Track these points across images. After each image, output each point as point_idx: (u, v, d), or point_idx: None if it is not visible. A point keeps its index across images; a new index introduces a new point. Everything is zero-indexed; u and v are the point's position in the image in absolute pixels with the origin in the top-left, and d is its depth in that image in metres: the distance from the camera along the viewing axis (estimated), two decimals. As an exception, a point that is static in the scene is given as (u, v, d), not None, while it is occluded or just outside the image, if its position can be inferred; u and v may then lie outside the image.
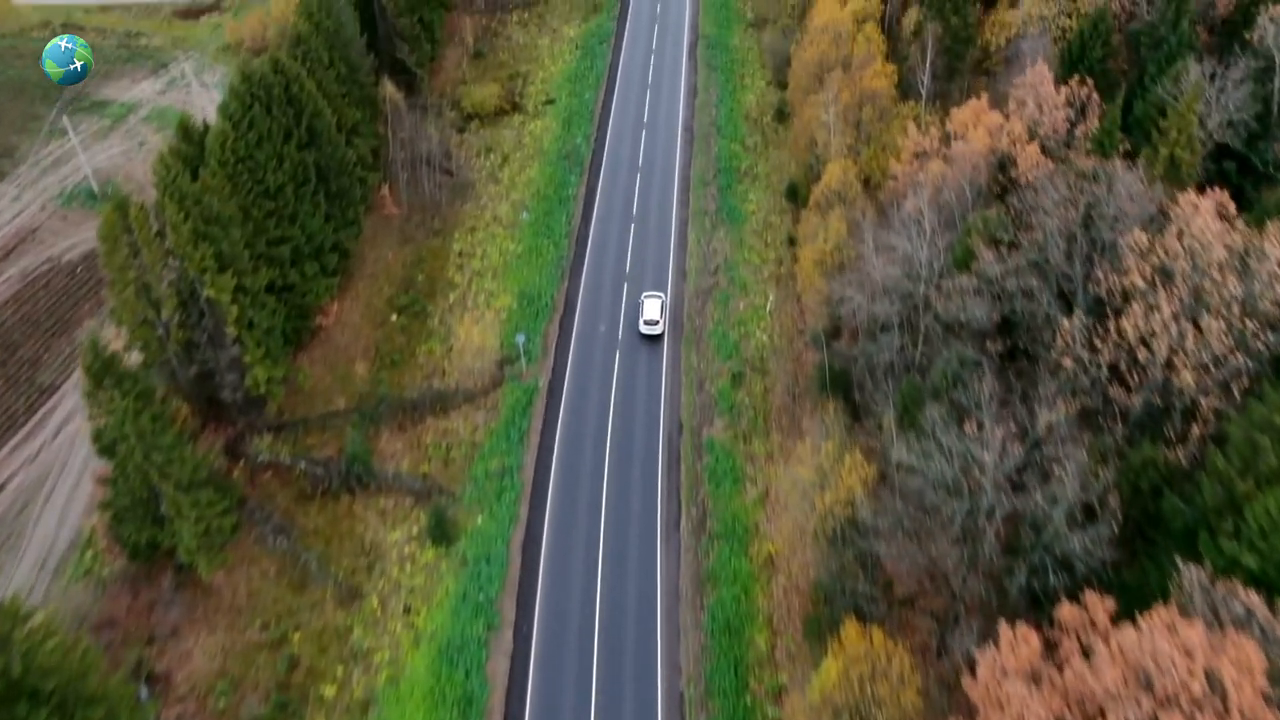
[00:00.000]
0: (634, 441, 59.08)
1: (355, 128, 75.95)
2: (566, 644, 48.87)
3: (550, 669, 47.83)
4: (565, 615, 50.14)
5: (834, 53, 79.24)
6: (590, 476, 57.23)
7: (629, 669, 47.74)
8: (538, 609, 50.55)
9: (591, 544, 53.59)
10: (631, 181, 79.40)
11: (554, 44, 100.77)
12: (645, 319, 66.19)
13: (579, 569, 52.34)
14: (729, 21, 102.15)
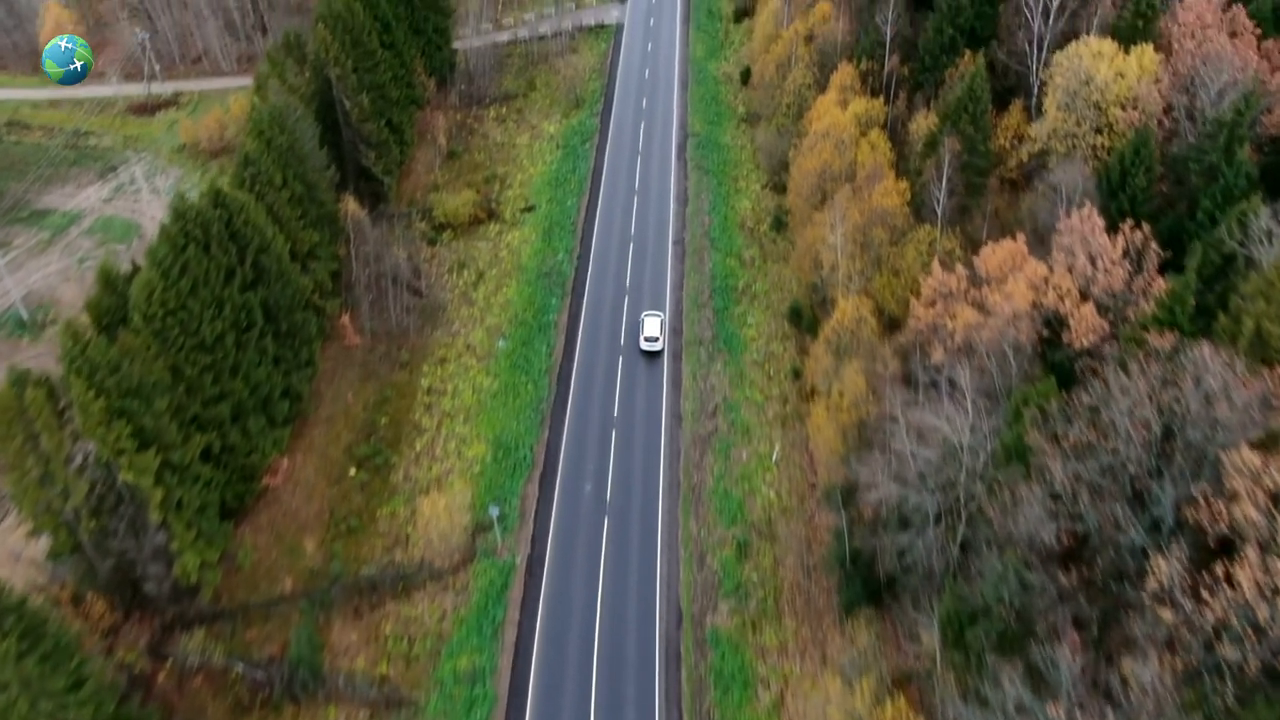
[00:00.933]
0: (626, 635, 50.88)
1: (312, 251, 68.65)
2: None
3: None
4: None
5: (837, 162, 72.84)
6: (576, 682, 48.92)
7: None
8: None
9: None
10: (619, 304, 72.13)
11: (534, 142, 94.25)
12: (646, 335, 68.38)
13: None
14: (720, 117, 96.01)
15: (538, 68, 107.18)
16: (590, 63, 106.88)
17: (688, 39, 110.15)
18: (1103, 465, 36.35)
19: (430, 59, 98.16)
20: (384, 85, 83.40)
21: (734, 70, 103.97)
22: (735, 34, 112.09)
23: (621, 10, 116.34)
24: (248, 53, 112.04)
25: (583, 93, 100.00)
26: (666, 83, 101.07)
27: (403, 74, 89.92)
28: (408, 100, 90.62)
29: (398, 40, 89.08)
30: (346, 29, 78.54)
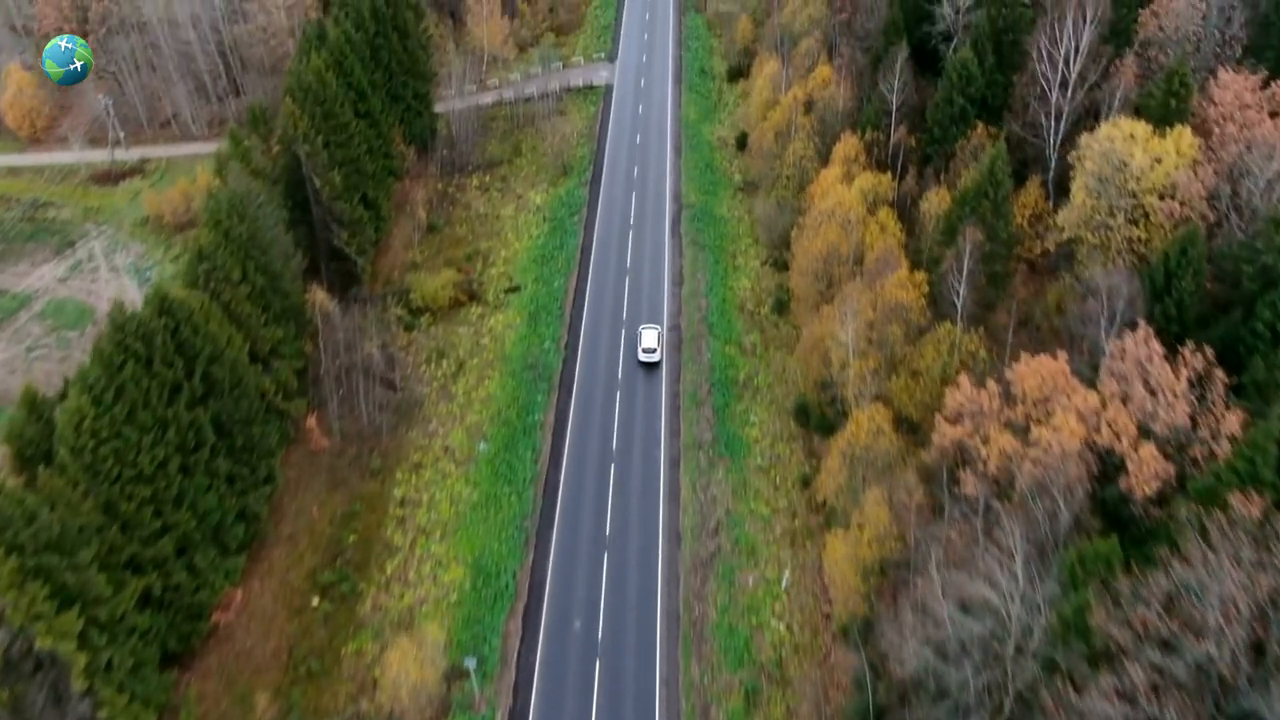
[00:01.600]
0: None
1: (276, 349, 62.87)
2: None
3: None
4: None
5: (844, 244, 67.66)
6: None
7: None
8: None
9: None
10: (610, 403, 66.36)
11: (519, 214, 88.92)
12: (644, 347, 69.56)
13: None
14: (715, 185, 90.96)
15: (524, 131, 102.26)
16: (579, 126, 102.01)
17: (680, 100, 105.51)
18: (1188, 662, 30.64)
19: (410, 126, 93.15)
20: (358, 159, 78.10)
21: (729, 134, 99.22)
22: (729, 94, 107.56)
23: (611, 70, 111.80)
24: (219, 115, 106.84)
25: (570, 159, 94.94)
26: (659, 148, 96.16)
27: (379, 144, 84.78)
28: (385, 172, 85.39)
29: (374, 109, 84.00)
30: (317, 101, 73.35)
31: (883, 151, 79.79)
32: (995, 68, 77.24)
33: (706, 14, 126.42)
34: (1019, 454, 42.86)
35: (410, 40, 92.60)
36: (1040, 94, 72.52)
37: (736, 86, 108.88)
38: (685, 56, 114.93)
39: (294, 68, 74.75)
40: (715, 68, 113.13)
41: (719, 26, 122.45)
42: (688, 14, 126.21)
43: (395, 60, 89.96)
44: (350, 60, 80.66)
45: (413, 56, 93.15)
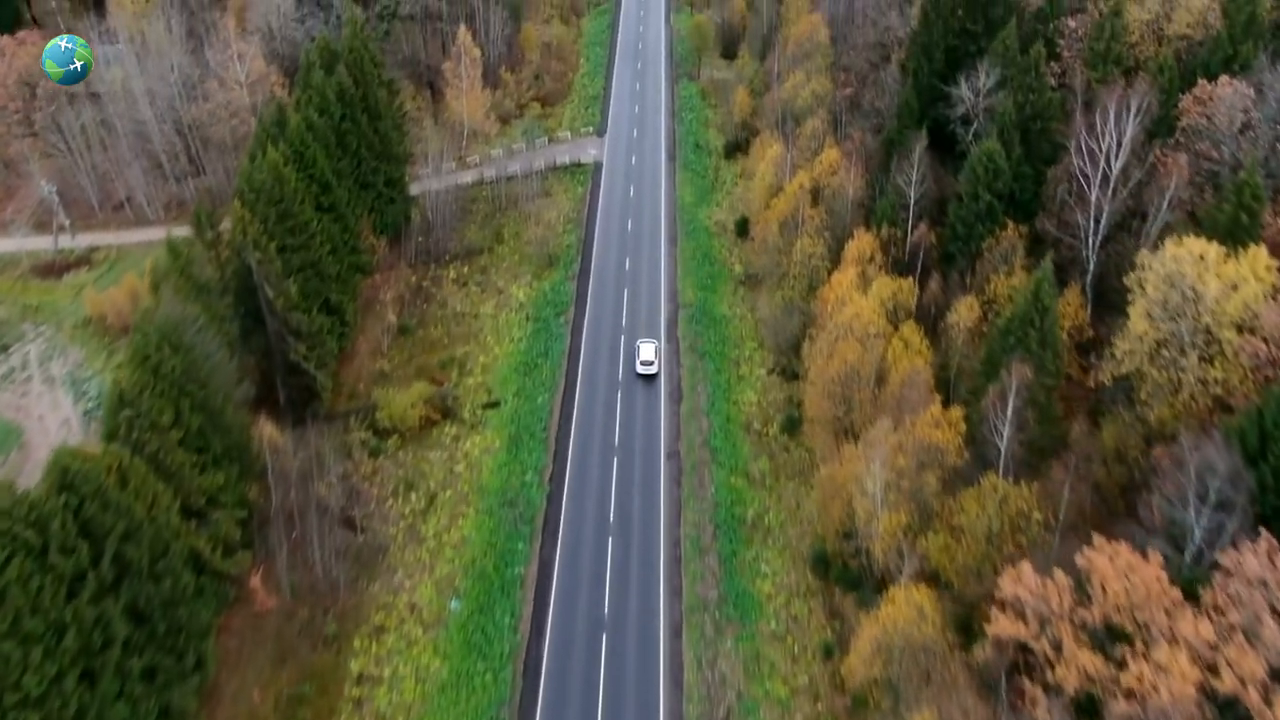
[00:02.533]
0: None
1: (214, 497, 54.41)
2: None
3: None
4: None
5: (864, 364, 59.79)
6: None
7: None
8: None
9: None
10: (602, 554, 57.95)
11: (499, 312, 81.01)
12: (642, 359, 71.39)
13: None
14: (714, 279, 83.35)
15: (506, 215, 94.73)
16: (565, 209, 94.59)
17: (674, 180, 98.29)
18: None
19: (381, 215, 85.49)
20: (319, 261, 70.23)
21: (728, 218, 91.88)
22: (727, 172, 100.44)
23: (600, 146, 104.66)
24: (177, 197, 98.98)
25: (556, 249, 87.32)
26: (652, 236, 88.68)
27: (346, 240, 77.00)
28: (351, 269, 77.49)
29: (339, 202, 76.28)
30: (272, 201, 65.63)
31: (900, 249, 72.45)
32: (1023, 158, 70.25)
33: (700, 82, 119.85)
34: (1107, 681, 34.61)
35: (382, 122, 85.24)
36: (1077, 190, 65.43)
37: (734, 163, 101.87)
38: (679, 130, 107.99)
39: (245, 167, 66.97)
40: (711, 142, 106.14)
41: (714, 95, 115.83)
42: (680, 82, 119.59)
43: (365, 145, 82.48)
44: (312, 150, 73.06)
45: (385, 139, 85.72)
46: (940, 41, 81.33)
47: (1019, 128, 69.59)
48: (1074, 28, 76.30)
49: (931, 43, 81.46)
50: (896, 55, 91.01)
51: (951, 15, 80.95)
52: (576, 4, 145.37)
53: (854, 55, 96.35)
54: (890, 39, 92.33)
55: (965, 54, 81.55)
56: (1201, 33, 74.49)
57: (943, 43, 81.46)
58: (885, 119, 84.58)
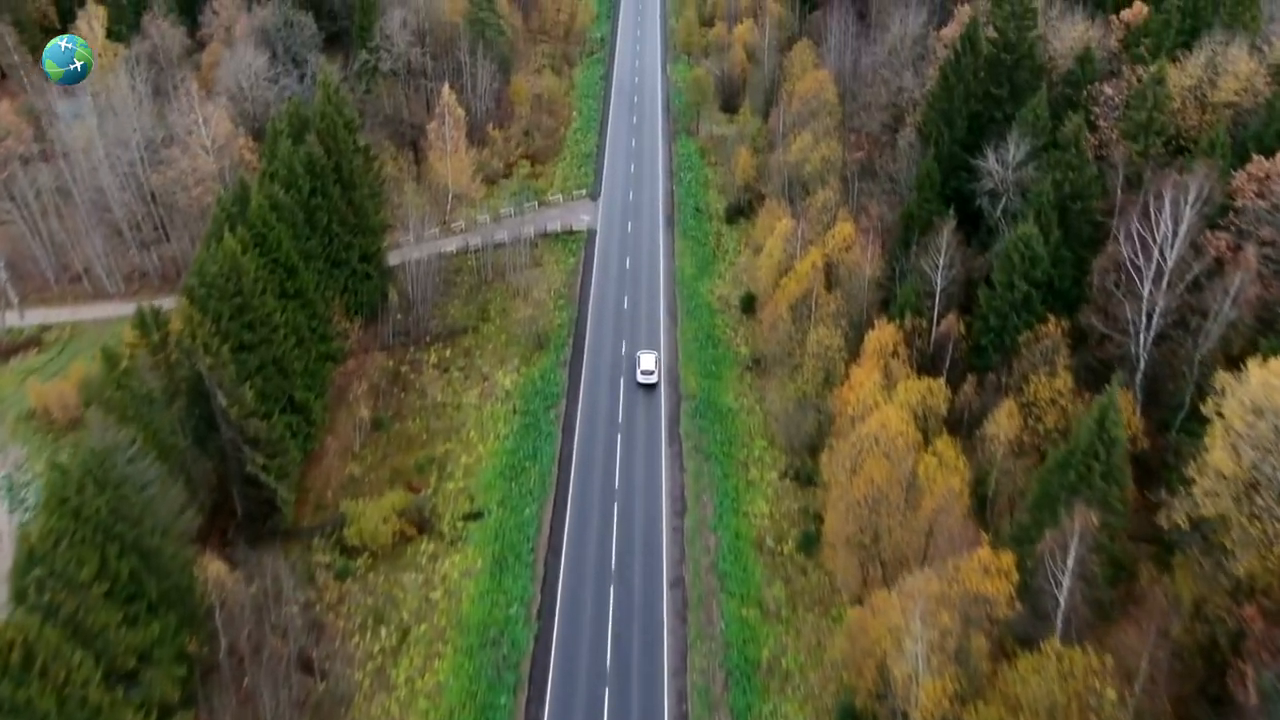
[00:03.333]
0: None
1: (148, 654, 46.84)
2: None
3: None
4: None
5: (894, 488, 52.75)
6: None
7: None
8: None
9: None
10: (597, 711, 50.37)
11: (484, 403, 73.90)
12: (642, 369, 73.55)
13: None
14: (719, 364, 76.46)
15: (492, 288, 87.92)
16: (556, 282, 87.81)
17: (673, 249, 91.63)
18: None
19: (355, 295, 78.65)
20: (283, 357, 63.24)
21: (732, 292, 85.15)
22: (729, 238, 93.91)
23: (594, 210, 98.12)
24: (139, 268, 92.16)
25: (546, 329, 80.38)
26: (650, 314, 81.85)
27: (315, 327, 70.16)
28: (321, 359, 70.53)
29: (307, 286, 69.41)
30: (227, 295, 58.73)
31: (925, 340, 65.62)
32: (1061, 241, 63.61)
33: (699, 138, 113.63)
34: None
35: (357, 192, 78.50)
36: (1125, 281, 58.76)
37: (737, 228, 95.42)
38: (678, 192, 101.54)
39: (199, 257, 60.09)
40: (712, 204, 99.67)
41: (714, 153, 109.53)
42: (678, 138, 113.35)
43: (337, 220, 75.77)
44: (276, 232, 66.25)
45: (360, 210, 78.98)
46: (962, 107, 75.06)
47: (1056, 207, 63.04)
48: (1110, 95, 69.96)
49: (952, 109, 75.17)
50: (912, 118, 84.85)
51: (973, 79, 74.72)
52: (569, 53, 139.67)
53: (865, 117, 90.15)
54: (904, 100, 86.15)
55: (990, 120, 75.33)
56: (1250, 99, 68.29)
57: (964, 108, 75.18)
58: (903, 189, 78.21)
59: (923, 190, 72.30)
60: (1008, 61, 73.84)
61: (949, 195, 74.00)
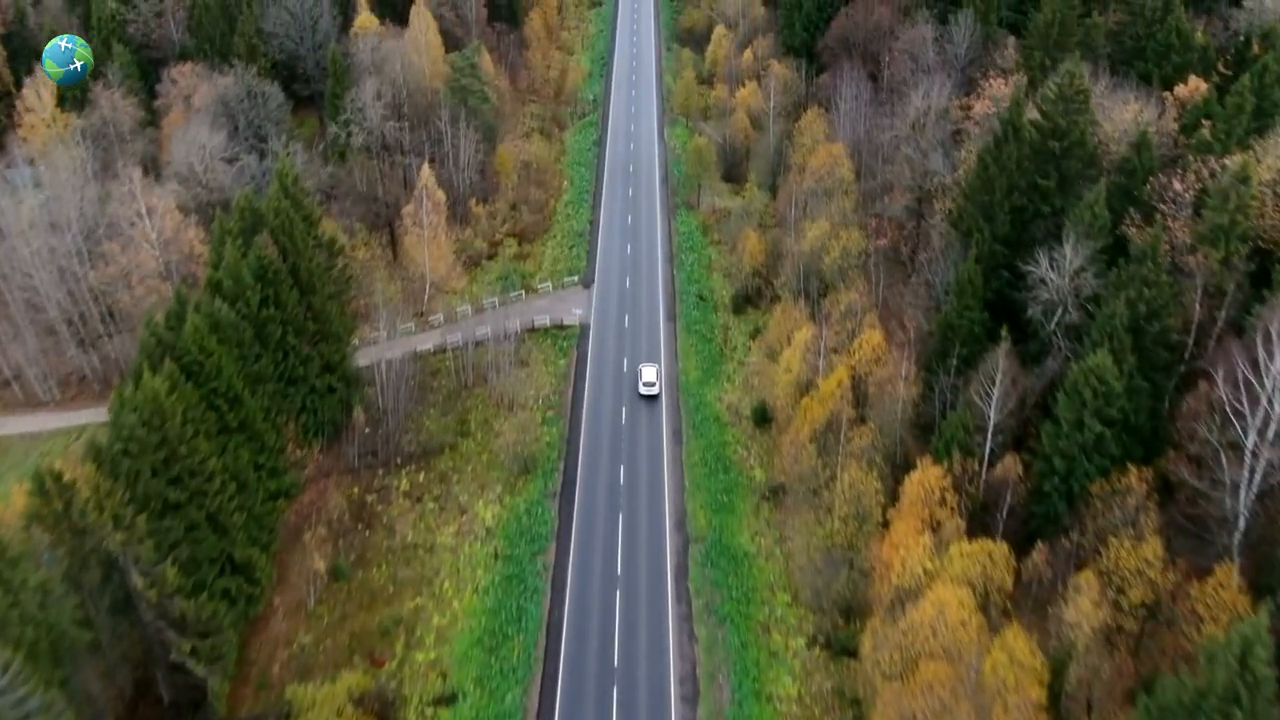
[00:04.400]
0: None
1: None
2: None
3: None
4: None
5: (959, 703, 42.84)
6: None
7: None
8: None
9: None
10: None
11: (460, 543, 64.01)
12: (644, 381, 75.27)
13: None
14: (730, 492, 66.84)
15: (473, 395, 78.24)
16: (545, 388, 78.27)
17: (676, 348, 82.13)
18: None
19: (314, 414, 69.04)
20: (219, 512, 53.33)
21: (742, 399, 75.65)
22: (737, 332, 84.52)
23: (586, 300, 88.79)
24: (77, 373, 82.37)
25: (534, 449, 70.65)
26: (651, 433, 72.23)
27: (264, 463, 60.32)
28: (270, 499, 60.68)
29: (254, 416, 59.78)
30: (145, 451, 48.88)
31: (976, 483, 55.98)
32: (1136, 369, 54.24)
33: (700, 212, 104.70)
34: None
35: (318, 296, 69.08)
36: (1219, 425, 49.30)
37: (745, 319, 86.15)
38: (679, 277, 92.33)
39: (113, 406, 50.23)
40: (717, 291, 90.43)
41: (717, 230, 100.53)
42: (678, 213, 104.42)
43: (293, 331, 66.26)
44: (216, 359, 56.67)
45: (321, 316, 69.59)
46: (1004, 201, 66.05)
47: (1130, 329, 53.77)
48: (1179, 191, 60.99)
49: (993, 202, 66.18)
50: (942, 204, 75.97)
51: (1017, 168, 65.72)
52: (559, 115, 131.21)
53: (888, 200, 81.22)
54: (933, 184, 77.23)
55: (1035, 215, 66.40)
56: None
57: (1006, 202, 66.16)
58: (937, 292, 68.97)
59: (963, 297, 63.03)
60: (1056, 149, 64.92)
61: (990, 299, 64.94)
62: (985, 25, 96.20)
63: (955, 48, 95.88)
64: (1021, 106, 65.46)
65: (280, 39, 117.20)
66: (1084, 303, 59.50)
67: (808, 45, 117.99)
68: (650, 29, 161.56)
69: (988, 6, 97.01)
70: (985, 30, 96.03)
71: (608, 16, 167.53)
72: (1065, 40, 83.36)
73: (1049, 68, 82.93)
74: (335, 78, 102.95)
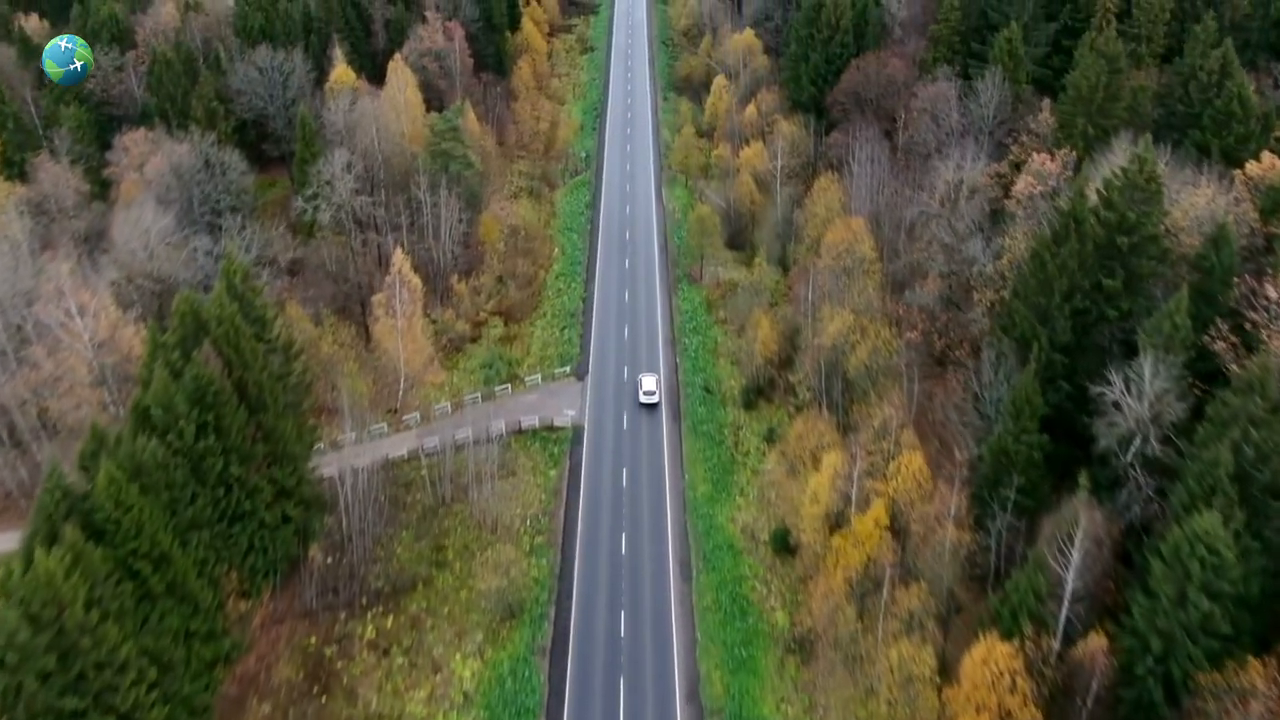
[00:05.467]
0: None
1: None
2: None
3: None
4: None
5: None
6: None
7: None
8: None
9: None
10: None
11: (434, 711, 54.19)
12: (645, 390, 76.67)
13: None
14: (750, 644, 57.29)
15: (451, 512, 68.72)
16: (534, 505, 68.88)
17: (680, 454, 72.73)
18: None
19: (264, 553, 59.25)
20: (134, 710, 43.54)
21: (758, 520, 66.27)
22: (749, 434, 75.19)
23: (580, 396, 79.56)
24: (3, 486, 72.51)
25: (520, 586, 61.12)
26: (657, 568, 62.79)
27: (196, 629, 50.72)
28: (203, 670, 50.97)
29: (185, 574, 50.17)
30: (32, 656, 39.16)
31: (1051, 663, 46.46)
32: (1244, 527, 45.02)
33: (704, 285, 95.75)
34: None
35: (269, 413, 59.61)
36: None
37: (758, 416, 76.86)
38: (683, 365, 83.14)
39: None
40: (725, 381, 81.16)
41: (722, 306, 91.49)
42: (679, 287, 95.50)
43: (238, 459, 56.65)
44: (136, 514, 47.11)
45: (274, 436, 60.08)
46: (1063, 304, 57.10)
47: (1236, 481, 44.60)
48: (1275, 299, 52.06)
49: (1050, 306, 57.19)
50: (983, 296, 67.05)
51: (1079, 268, 56.84)
52: (549, 173, 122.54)
53: (920, 288, 72.20)
54: (972, 273, 68.34)
55: (1100, 319, 57.45)
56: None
57: (1066, 305, 57.21)
58: (984, 403, 59.78)
59: (1019, 418, 53.93)
60: (1124, 245, 56.05)
61: (1048, 414, 55.85)
62: (1014, 84, 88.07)
63: (981, 108, 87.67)
64: (1084, 198, 56.61)
65: (248, 96, 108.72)
66: (1167, 432, 50.44)
67: (816, 100, 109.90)
68: (645, 75, 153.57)
69: (1015, 63, 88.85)
70: (1014, 89, 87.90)
71: (600, 63, 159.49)
72: (1110, 106, 75.12)
73: (1093, 138, 74.74)
74: (304, 142, 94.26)
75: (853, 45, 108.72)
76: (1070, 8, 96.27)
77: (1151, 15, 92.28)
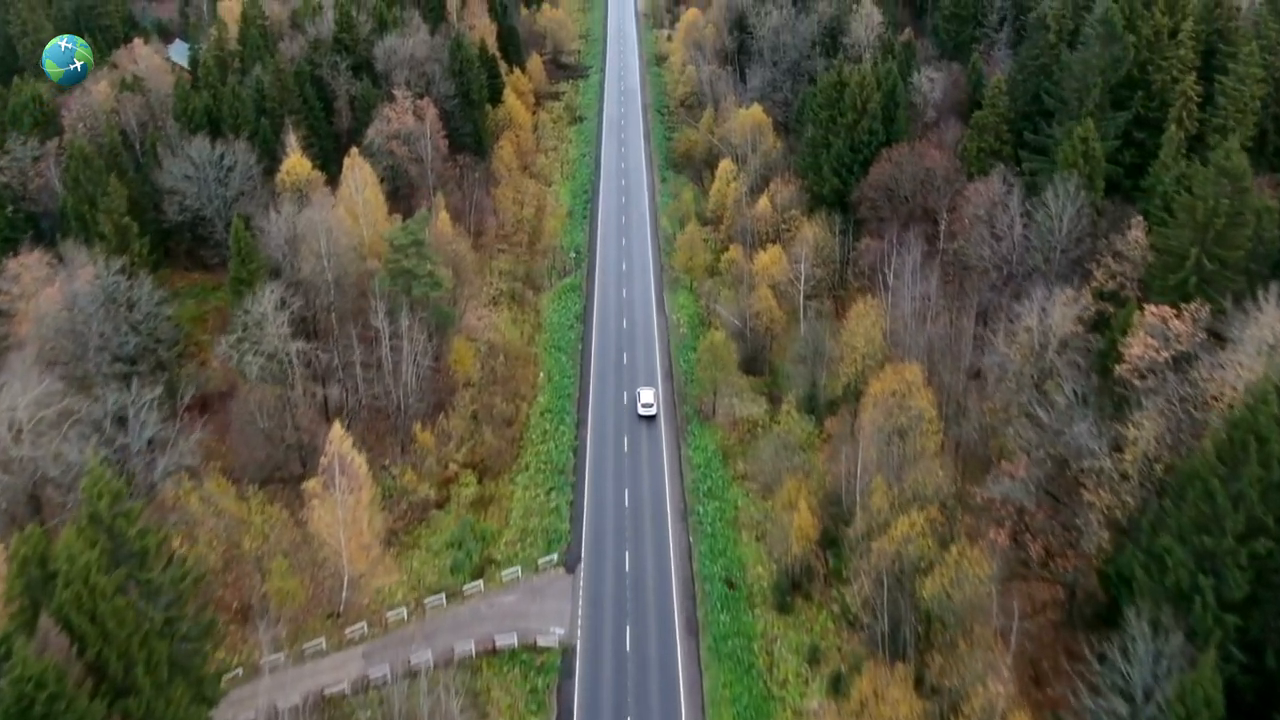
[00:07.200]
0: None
1: None
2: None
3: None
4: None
5: None
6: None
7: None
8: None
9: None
10: None
11: None
12: (643, 402, 78.31)
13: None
14: None
15: (403, 784, 51.85)
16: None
17: (701, 690, 56.27)
18: None
19: None
20: None
21: None
22: (786, 650, 59.02)
23: (570, 600, 62.99)
24: None
25: None
26: None
27: None
28: None
29: None
30: None
31: None
32: None
33: (717, 424, 79.95)
34: None
35: (141, 695, 43.12)
36: None
37: (795, 623, 60.68)
38: (699, 549, 67.05)
39: None
40: (749, 570, 65.17)
41: (741, 454, 75.77)
42: (689, 428, 79.77)
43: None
44: None
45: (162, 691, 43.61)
46: (1238, 548, 41.24)
47: None
48: None
49: (1220, 550, 41.34)
50: (1099, 499, 51.11)
51: (1261, 499, 40.99)
52: (534, 272, 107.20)
53: (1002, 474, 56.26)
54: (1085, 467, 52.45)
55: (1286, 568, 41.59)
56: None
57: (1243, 550, 41.34)
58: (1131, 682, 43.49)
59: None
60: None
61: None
62: (1092, 191, 73.40)
63: (1051, 220, 72.85)
64: (1268, 404, 40.91)
65: (181, 196, 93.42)
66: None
67: (840, 195, 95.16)
68: (640, 150, 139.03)
69: (1092, 166, 74.18)
70: (1092, 198, 73.21)
71: (591, 135, 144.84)
72: (1233, 234, 60.06)
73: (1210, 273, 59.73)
74: (240, 259, 78.41)
75: (882, 132, 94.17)
76: (1143, 95, 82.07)
77: (1240, 104, 78.34)
